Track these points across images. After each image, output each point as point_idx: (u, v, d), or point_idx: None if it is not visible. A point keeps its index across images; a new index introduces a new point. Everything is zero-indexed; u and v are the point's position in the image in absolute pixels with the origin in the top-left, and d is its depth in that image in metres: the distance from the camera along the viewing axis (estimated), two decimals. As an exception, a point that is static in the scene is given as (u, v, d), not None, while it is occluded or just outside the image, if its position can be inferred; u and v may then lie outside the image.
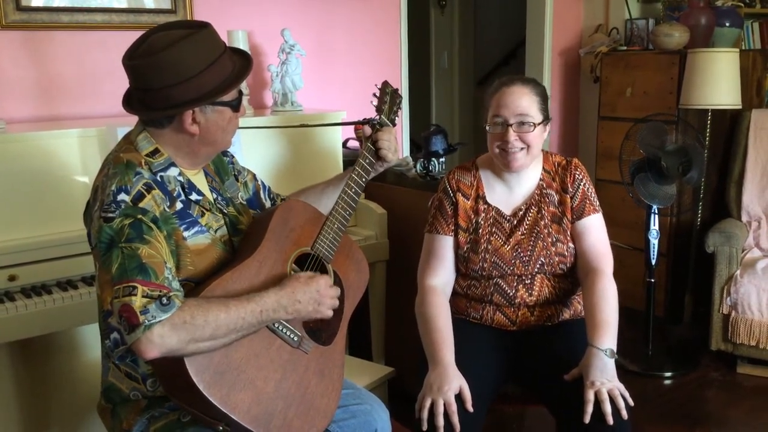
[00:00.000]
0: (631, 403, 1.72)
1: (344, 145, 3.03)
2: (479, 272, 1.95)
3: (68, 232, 2.15)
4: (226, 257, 1.59)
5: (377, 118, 1.82)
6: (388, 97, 1.85)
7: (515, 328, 1.97)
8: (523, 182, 1.99)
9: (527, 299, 1.95)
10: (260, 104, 3.19)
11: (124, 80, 1.52)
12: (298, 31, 3.10)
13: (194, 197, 1.58)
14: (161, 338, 1.34)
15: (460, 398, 1.74)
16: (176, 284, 1.43)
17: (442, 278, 1.97)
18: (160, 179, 1.52)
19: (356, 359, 2.70)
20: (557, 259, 1.94)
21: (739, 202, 3.60)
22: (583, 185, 1.97)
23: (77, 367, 2.31)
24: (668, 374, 3.24)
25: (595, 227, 1.96)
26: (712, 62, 3.31)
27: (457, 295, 2.02)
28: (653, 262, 3.23)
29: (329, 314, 1.60)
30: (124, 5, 2.75)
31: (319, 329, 1.64)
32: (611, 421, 1.66)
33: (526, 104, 1.88)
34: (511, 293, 1.94)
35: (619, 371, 1.77)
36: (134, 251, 1.39)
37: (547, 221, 1.96)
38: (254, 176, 1.86)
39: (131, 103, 1.54)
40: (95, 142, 2.27)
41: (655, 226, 3.19)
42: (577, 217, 1.96)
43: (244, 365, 1.47)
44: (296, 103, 2.97)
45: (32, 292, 2.10)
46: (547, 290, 1.95)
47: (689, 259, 3.74)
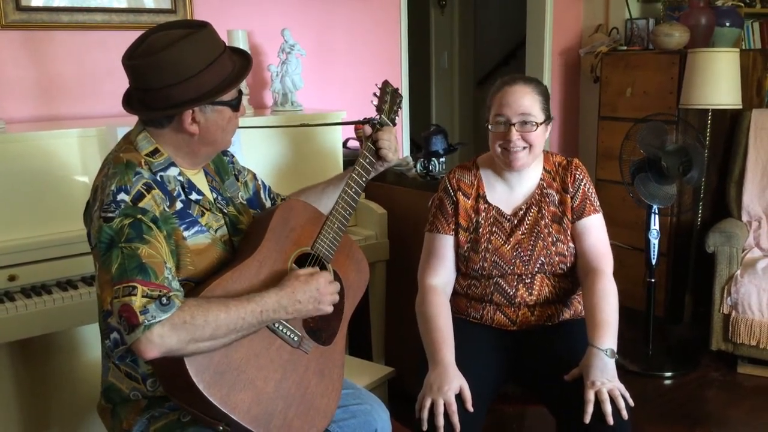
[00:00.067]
0: (631, 403, 1.71)
1: (344, 145, 3.02)
2: (479, 271, 1.95)
3: (68, 232, 2.15)
4: (226, 257, 1.59)
5: (377, 117, 1.81)
6: (388, 96, 1.84)
7: (515, 327, 1.97)
8: (523, 182, 1.99)
9: (527, 299, 1.95)
10: (260, 104, 3.19)
11: (123, 80, 1.52)
12: (298, 30, 3.10)
13: (194, 197, 1.57)
14: (161, 338, 1.34)
15: (460, 398, 1.74)
16: (176, 284, 1.42)
17: (442, 277, 1.97)
18: (159, 179, 1.52)
19: (356, 359, 2.70)
20: (557, 258, 1.94)
21: (739, 201, 3.60)
22: (583, 185, 1.97)
23: (77, 367, 2.31)
24: (668, 374, 3.24)
25: (595, 227, 1.96)
26: (712, 62, 3.31)
27: (457, 294, 2.02)
28: (653, 262, 3.23)
29: (330, 310, 1.60)
30: (123, 5, 2.74)
31: (319, 329, 1.64)
32: (611, 421, 1.66)
33: (528, 103, 1.88)
34: (511, 292, 1.94)
35: (619, 371, 1.77)
36: (134, 251, 1.39)
37: (547, 221, 1.96)
38: (254, 176, 1.85)
39: (131, 102, 1.54)
40: (95, 142, 2.27)
41: (655, 226, 3.19)
42: (577, 217, 1.96)
43: (244, 365, 1.47)
44: (296, 103, 2.97)
45: (32, 292, 2.09)
46: (547, 290, 1.95)
47: (689, 259, 3.74)
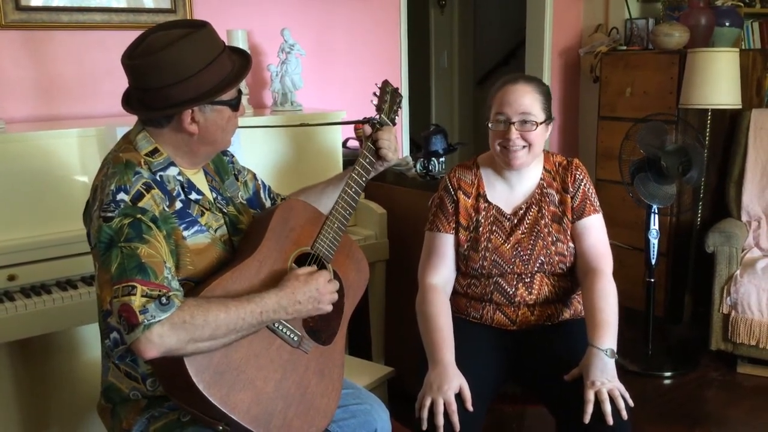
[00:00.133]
0: (630, 403, 1.72)
1: (344, 144, 3.02)
2: (479, 270, 1.95)
3: (68, 231, 2.15)
4: (225, 257, 1.59)
5: (377, 117, 1.81)
6: (388, 96, 1.84)
7: (515, 327, 1.97)
8: (524, 181, 1.99)
9: (527, 298, 1.94)
10: (260, 104, 3.19)
11: (123, 80, 1.51)
12: (297, 30, 3.10)
13: (194, 197, 1.57)
14: (161, 338, 1.34)
15: (460, 398, 1.74)
16: (176, 284, 1.42)
17: (443, 276, 1.97)
18: (159, 179, 1.52)
19: (356, 359, 2.70)
20: (557, 258, 1.94)
21: (738, 201, 3.60)
22: (583, 185, 1.97)
23: (77, 366, 2.31)
24: (668, 374, 3.24)
25: (595, 227, 1.96)
26: (711, 62, 3.31)
27: (457, 294, 2.02)
28: (653, 261, 3.22)
29: (329, 309, 1.60)
30: (123, 5, 2.74)
31: (319, 329, 1.64)
32: (611, 421, 1.66)
33: (528, 103, 1.88)
34: (510, 292, 1.94)
35: (618, 371, 1.77)
36: (133, 251, 1.39)
37: (547, 220, 1.96)
38: (254, 176, 1.85)
39: (130, 102, 1.53)
40: (94, 141, 2.27)
41: (655, 225, 3.19)
42: (577, 217, 1.96)
43: (243, 365, 1.47)
44: (296, 102, 2.96)
45: (32, 291, 2.09)
46: (546, 289, 1.95)
47: (689, 258, 3.74)
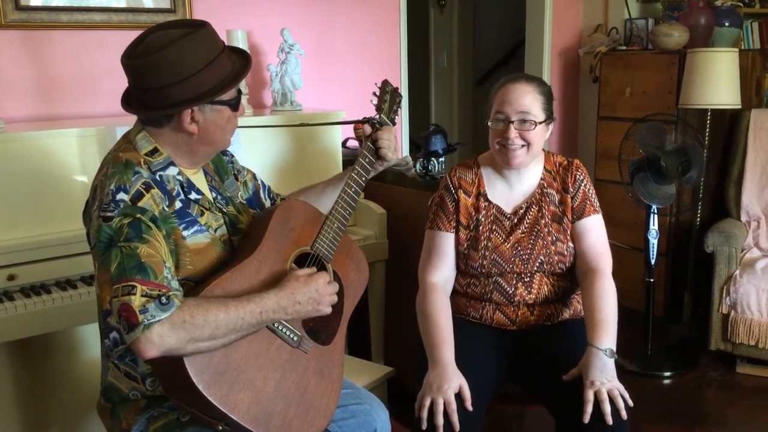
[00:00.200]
0: (630, 403, 1.72)
1: (344, 144, 3.02)
2: (479, 269, 1.95)
3: (67, 231, 2.15)
4: (225, 257, 1.59)
5: (377, 117, 1.81)
6: (387, 96, 1.84)
7: (515, 327, 1.97)
8: (524, 180, 1.99)
9: (526, 297, 1.95)
10: (260, 104, 3.19)
11: (123, 80, 1.51)
12: (297, 30, 3.10)
13: (193, 196, 1.57)
14: (160, 337, 1.34)
15: (459, 397, 1.74)
16: (175, 284, 1.42)
17: (443, 275, 1.97)
18: (159, 178, 1.52)
19: (356, 359, 2.70)
20: (557, 258, 1.94)
21: (738, 201, 3.60)
22: (584, 186, 1.97)
23: (76, 366, 2.31)
24: (667, 374, 3.24)
25: (595, 228, 1.96)
26: (711, 62, 3.31)
27: (456, 293, 2.02)
28: (652, 261, 3.22)
29: (328, 311, 1.60)
30: (123, 5, 2.74)
31: (318, 329, 1.64)
32: (610, 421, 1.66)
33: (528, 102, 1.88)
34: (510, 291, 1.94)
35: (618, 371, 1.77)
36: (133, 250, 1.39)
37: (547, 220, 1.96)
38: (254, 175, 1.85)
39: (130, 102, 1.53)
40: (94, 141, 2.27)
41: (654, 225, 3.19)
42: (577, 217, 1.96)
43: (243, 365, 1.47)
44: (296, 102, 2.96)
45: (31, 291, 2.09)
46: (546, 289, 1.95)
47: (688, 258, 3.74)
